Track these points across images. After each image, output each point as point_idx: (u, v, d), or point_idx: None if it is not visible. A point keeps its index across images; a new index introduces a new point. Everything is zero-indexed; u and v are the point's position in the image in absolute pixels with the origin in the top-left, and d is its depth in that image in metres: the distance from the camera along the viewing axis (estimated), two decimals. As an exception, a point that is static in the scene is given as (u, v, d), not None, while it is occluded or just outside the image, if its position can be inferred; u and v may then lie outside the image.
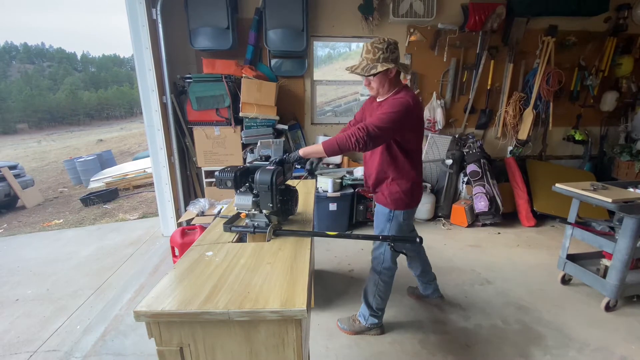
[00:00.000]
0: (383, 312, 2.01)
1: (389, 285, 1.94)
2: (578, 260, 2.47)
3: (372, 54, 1.58)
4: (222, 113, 3.30)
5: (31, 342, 2.05)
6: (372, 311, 1.97)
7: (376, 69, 1.57)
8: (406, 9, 3.40)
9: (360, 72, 1.61)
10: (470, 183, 3.69)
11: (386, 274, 1.90)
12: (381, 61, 1.58)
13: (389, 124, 1.52)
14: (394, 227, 1.82)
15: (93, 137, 21.22)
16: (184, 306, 0.92)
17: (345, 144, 1.49)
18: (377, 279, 1.91)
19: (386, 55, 1.58)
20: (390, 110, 1.55)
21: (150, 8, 3.05)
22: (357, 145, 1.48)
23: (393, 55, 1.59)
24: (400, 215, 1.80)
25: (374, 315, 1.98)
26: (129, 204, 5.70)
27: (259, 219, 1.44)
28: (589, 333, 2.03)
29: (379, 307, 1.97)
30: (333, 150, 1.53)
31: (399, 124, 1.56)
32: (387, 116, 1.53)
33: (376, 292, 1.93)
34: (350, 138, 1.48)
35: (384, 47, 1.57)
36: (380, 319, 2.01)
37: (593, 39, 3.81)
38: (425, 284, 2.27)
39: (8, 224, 5.07)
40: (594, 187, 2.22)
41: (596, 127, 4.20)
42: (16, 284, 2.76)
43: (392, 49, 1.59)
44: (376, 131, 1.49)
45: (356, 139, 1.47)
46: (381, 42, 1.58)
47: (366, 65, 1.60)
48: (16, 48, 66.48)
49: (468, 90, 3.85)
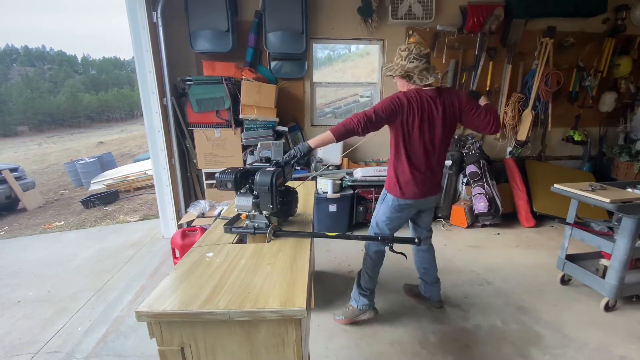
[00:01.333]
0: (372, 293, 2.09)
1: (377, 263, 2.04)
2: (577, 261, 2.47)
3: (396, 58, 1.80)
4: (222, 115, 3.32)
5: (32, 343, 2.06)
6: (360, 289, 2.06)
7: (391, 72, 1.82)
8: (405, 11, 3.42)
9: (384, 72, 1.88)
10: (469, 184, 3.70)
11: (375, 253, 2.01)
12: (399, 67, 1.77)
13: (378, 108, 1.72)
14: (383, 208, 1.99)
15: (93, 140, 21.26)
16: (185, 306, 0.93)
17: (349, 124, 1.66)
18: (365, 255, 2.05)
19: (404, 62, 1.75)
20: (383, 99, 1.78)
21: (150, 11, 3.07)
22: (359, 124, 1.65)
23: (411, 64, 1.73)
24: (390, 199, 1.93)
25: (364, 294, 2.05)
26: (130, 206, 5.71)
27: (259, 220, 1.46)
28: (588, 333, 2.04)
29: (367, 286, 2.06)
30: (340, 134, 1.67)
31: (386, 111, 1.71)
32: (379, 103, 1.75)
33: (364, 270, 2.04)
34: (353, 119, 1.66)
35: (404, 54, 1.75)
36: (371, 300, 2.09)
37: (591, 40, 3.83)
38: (429, 284, 2.26)
39: (9, 226, 5.08)
40: (592, 187, 2.23)
41: (595, 128, 4.21)
42: (17, 286, 2.77)
43: (411, 58, 1.73)
44: (370, 113, 1.68)
45: (357, 120, 1.65)
46: (404, 49, 1.77)
47: (390, 67, 1.84)
48: (17, 51, 66.68)
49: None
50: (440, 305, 2.30)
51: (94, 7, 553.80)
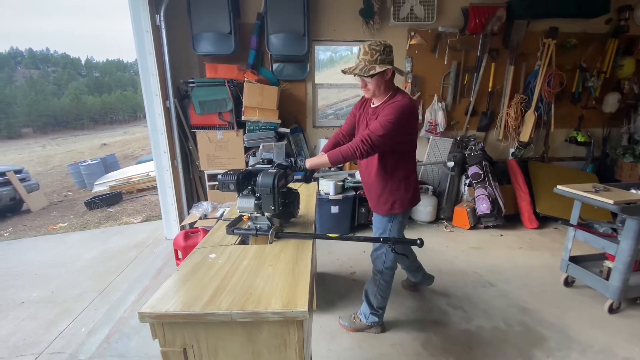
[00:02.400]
0: (384, 311, 2.04)
1: (390, 284, 1.98)
2: (581, 262, 2.46)
3: (369, 56, 1.60)
4: (224, 117, 3.34)
5: (36, 344, 2.08)
6: (372, 310, 2.00)
7: (374, 70, 1.59)
8: (407, 13, 3.43)
9: (358, 72, 1.63)
10: (472, 185, 3.69)
11: (387, 274, 1.93)
12: (378, 63, 1.60)
13: (391, 131, 1.57)
14: (395, 228, 1.86)
15: (97, 141, 21.37)
16: (188, 307, 0.93)
17: (350, 156, 1.60)
18: (378, 278, 1.95)
19: (383, 57, 1.60)
20: (393, 117, 1.58)
21: (153, 14, 3.10)
22: (362, 156, 1.59)
23: (389, 57, 1.63)
24: (400, 217, 1.85)
25: (375, 314, 2.01)
26: (133, 208, 5.74)
27: (261, 221, 1.46)
28: (592, 335, 2.02)
29: (380, 306, 2.00)
30: (337, 161, 1.64)
31: (402, 128, 1.61)
32: (390, 124, 1.57)
33: (377, 292, 1.96)
34: (355, 151, 1.58)
35: (380, 49, 1.60)
36: (381, 318, 2.05)
37: (594, 40, 3.82)
38: (414, 272, 2.35)
39: (13, 227, 5.12)
40: (595, 188, 2.22)
41: (598, 129, 4.20)
42: (21, 287, 2.79)
43: (387, 51, 1.62)
44: (379, 140, 1.56)
45: (360, 152, 1.57)
46: (378, 44, 1.61)
47: (364, 67, 1.62)
48: (21, 53, 67.24)
49: (469, 93, 3.86)
50: (431, 280, 2.42)
51: (97, 9, 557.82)
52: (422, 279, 2.38)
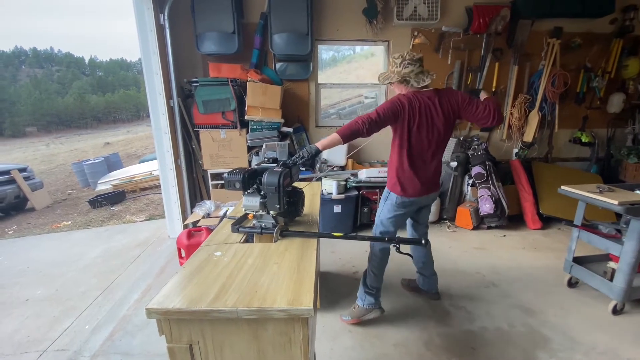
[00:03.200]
0: (378, 292, 2.10)
1: (383, 262, 2.06)
2: (584, 263, 2.45)
3: (391, 66, 1.88)
4: (227, 116, 3.35)
5: (41, 341, 2.09)
6: (366, 288, 2.08)
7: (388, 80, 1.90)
8: (410, 12, 3.43)
9: (381, 81, 1.96)
10: (475, 185, 3.68)
11: (380, 250, 2.03)
12: (395, 73, 1.85)
13: (380, 110, 1.80)
14: (387, 206, 2.02)
15: (100, 140, 21.48)
16: (194, 304, 0.94)
17: (354, 126, 1.74)
18: (370, 253, 2.06)
19: (399, 69, 1.83)
20: (385, 102, 1.87)
21: (158, 13, 3.11)
22: (363, 125, 1.73)
23: (406, 69, 1.81)
24: (393, 197, 1.98)
25: (370, 293, 2.07)
26: (136, 206, 5.77)
27: (266, 220, 1.47)
28: (596, 336, 2.02)
29: (373, 285, 2.07)
30: (346, 135, 1.74)
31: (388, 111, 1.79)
32: (381, 105, 1.83)
33: (370, 268, 2.06)
34: (357, 121, 1.75)
35: (398, 61, 1.83)
36: (377, 299, 2.10)
37: (599, 40, 3.80)
38: (427, 278, 2.34)
39: (18, 225, 5.16)
40: (600, 189, 2.21)
41: (603, 129, 4.17)
42: (26, 285, 2.81)
43: (405, 64, 1.81)
44: (374, 115, 1.76)
45: (362, 121, 1.74)
46: (397, 57, 1.84)
47: (387, 75, 1.92)
48: (25, 53, 67.69)
49: (473, 93, 3.85)
50: (438, 297, 2.38)
51: (100, 9, 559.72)
52: (429, 289, 2.36)
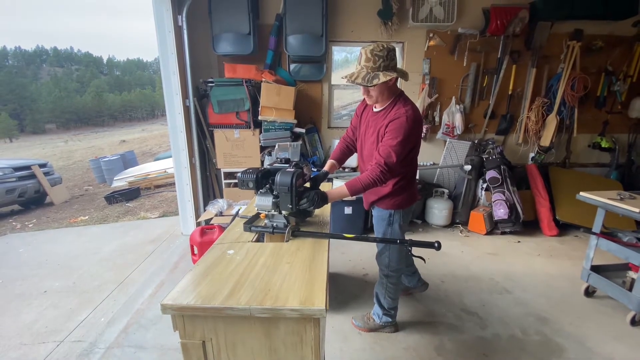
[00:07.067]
0: (396, 311, 2.05)
1: (398, 285, 2.00)
2: (603, 272, 2.38)
3: (372, 62, 1.51)
4: (242, 116, 3.38)
5: (58, 332, 2.15)
6: (384, 310, 2.02)
7: (378, 79, 1.50)
8: (426, 14, 3.40)
9: (361, 82, 1.53)
10: (489, 189, 3.62)
11: (393, 276, 1.94)
12: (382, 69, 1.51)
13: (402, 153, 1.55)
14: (395, 230, 1.85)
15: (116, 138, 22.02)
16: (208, 301, 0.96)
17: (370, 185, 1.57)
18: (385, 282, 1.97)
19: (386, 62, 1.51)
20: (401, 137, 1.53)
21: (176, 15, 3.17)
22: (382, 183, 1.59)
23: (392, 62, 1.54)
24: (399, 215, 1.83)
25: (387, 314, 2.02)
26: (150, 203, 5.89)
27: (277, 219, 1.48)
28: (613, 347, 1.96)
29: (391, 307, 2.01)
30: (357, 192, 1.60)
31: (411, 145, 1.60)
32: (399, 146, 1.53)
33: (386, 294, 1.99)
34: (376, 181, 1.55)
35: (384, 54, 1.50)
36: (394, 318, 2.05)
37: (621, 43, 3.69)
38: (409, 276, 2.35)
39: (37, 219, 5.32)
40: (620, 196, 2.15)
41: (624, 135, 4.05)
42: (44, 277, 2.90)
43: (391, 56, 1.53)
44: (394, 164, 1.54)
45: (380, 180, 1.56)
46: (381, 49, 1.51)
47: (367, 74, 1.53)
48: (47, 52, 69.91)
49: (488, 95, 3.79)
50: (426, 285, 2.40)
51: (119, 9, 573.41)
52: (416, 284, 2.38)
